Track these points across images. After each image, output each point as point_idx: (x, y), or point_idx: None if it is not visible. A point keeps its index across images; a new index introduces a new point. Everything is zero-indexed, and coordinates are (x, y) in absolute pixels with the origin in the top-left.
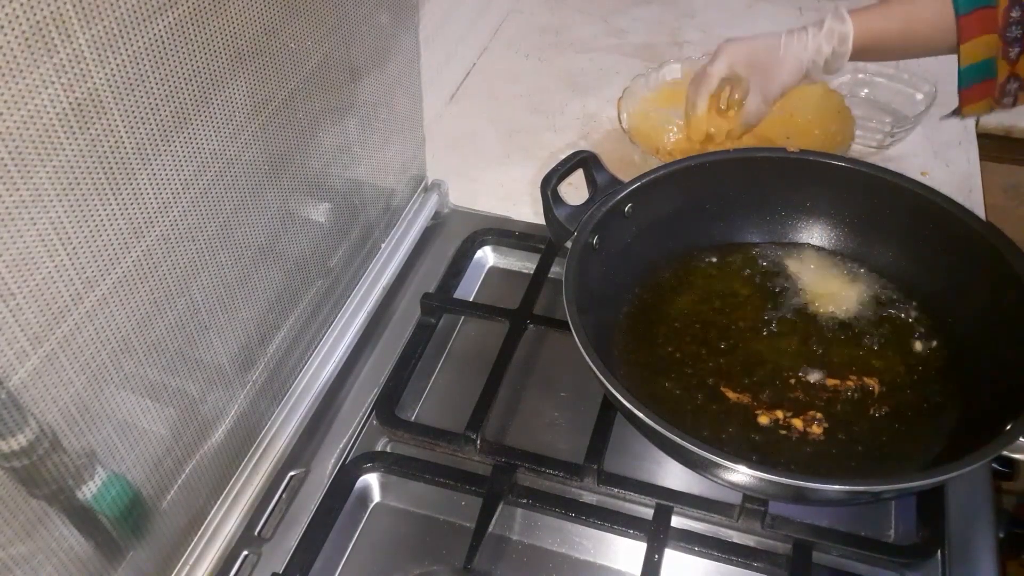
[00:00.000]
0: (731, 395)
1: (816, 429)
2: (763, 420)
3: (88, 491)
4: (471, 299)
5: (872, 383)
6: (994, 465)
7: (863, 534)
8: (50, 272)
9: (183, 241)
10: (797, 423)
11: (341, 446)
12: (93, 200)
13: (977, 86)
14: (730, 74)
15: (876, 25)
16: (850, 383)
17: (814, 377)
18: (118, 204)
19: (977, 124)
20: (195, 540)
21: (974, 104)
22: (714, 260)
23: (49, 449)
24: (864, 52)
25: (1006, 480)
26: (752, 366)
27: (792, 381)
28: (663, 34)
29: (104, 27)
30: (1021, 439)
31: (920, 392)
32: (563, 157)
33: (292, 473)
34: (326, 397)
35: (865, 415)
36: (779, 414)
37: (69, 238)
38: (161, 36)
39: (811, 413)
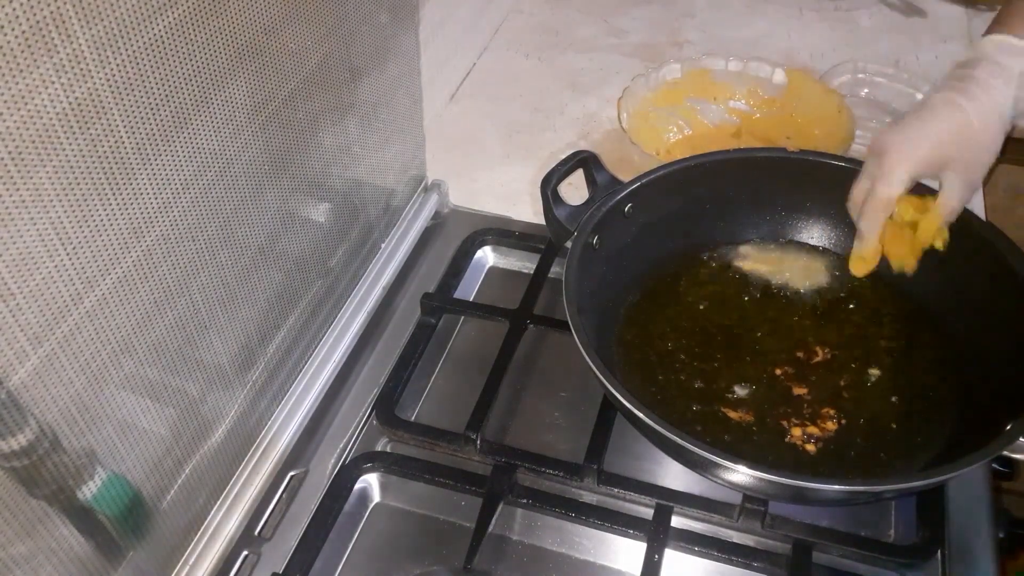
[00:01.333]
0: (731, 413)
1: (815, 430)
2: (758, 423)
3: (88, 491)
4: (471, 299)
5: (871, 384)
6: (994, 465)
7: (863, 534)
8: (50, 272)
9: (183, 241)
10: (797, 425)
11: (341, 446)
12: (93, 200)
13: None
14: (913, 183)
15: None
16: (849, 383)
17: (814, 378)
18: (118, 204)
19: None
20: (195, 540)
21: None
22: (714, 260)
23: (49, 449)
24: None
25: (1006, 480)
26: (751, 366)
27: (791, 382)
28: (663, 34)
29: (104, 27)
30: (1021, 439)
31: (920, 392)
32: (563, 157)
33: (292, 473)
34: (326, 397)
35: (865, 415)
36: (778, 418)
37: (69, 238)
38: (161, 36)
39: (810, 414)
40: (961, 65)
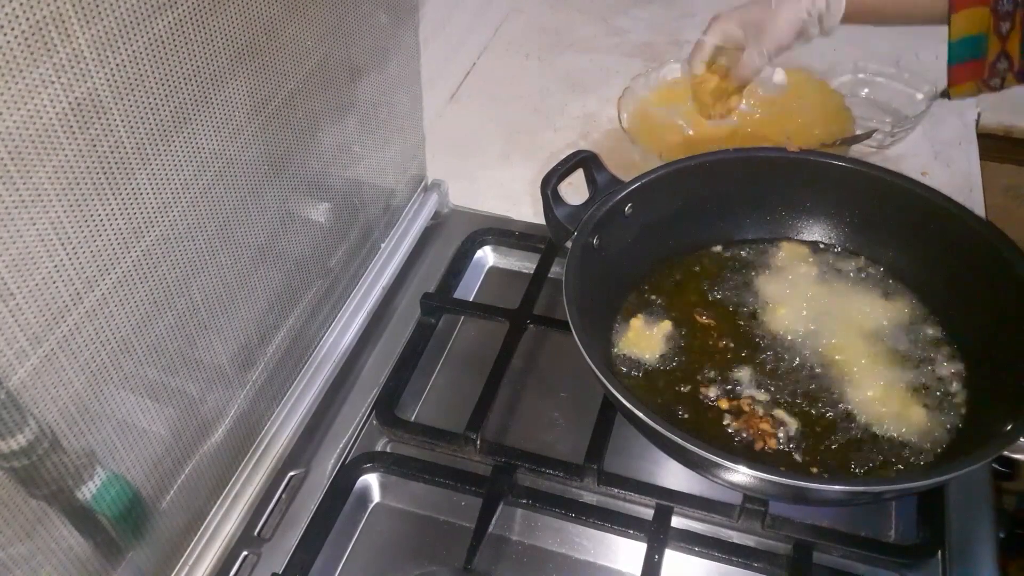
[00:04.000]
0: (724, 402)
1: (817, 428)
2: (758, 423)
3: (88, 491)
4: (471, 299)
5: (871, 382)
6: (994, 465)
7: (863, 534)
8: (50, 272)
9: (183, 241)
10: (795, 423)
11: (341, 446)
12: (93, 200)
13: (965, 64)
14: (723, 39)
15: None
16: (851, 382)
17: (811, 376)
18: (118, 204)
19: (977, 124)
20: (195, 540)
21: (962, 85)
22: (714, 260)
23: (49, 449)
24: (860, 14)
25: (1006, 480)
26: (750, 366)
27: (791, 381)
28: (663, 34)
29: (104, 27)
30: (1021, 439)
31: (919, 391)
32: (563, 157)
33: (292, 473)
34: (326, 397)
35: (865, 415)
36: (775, 414)
37: (69, 238)
38: (161, 36)
39: (812, 412)
40: None
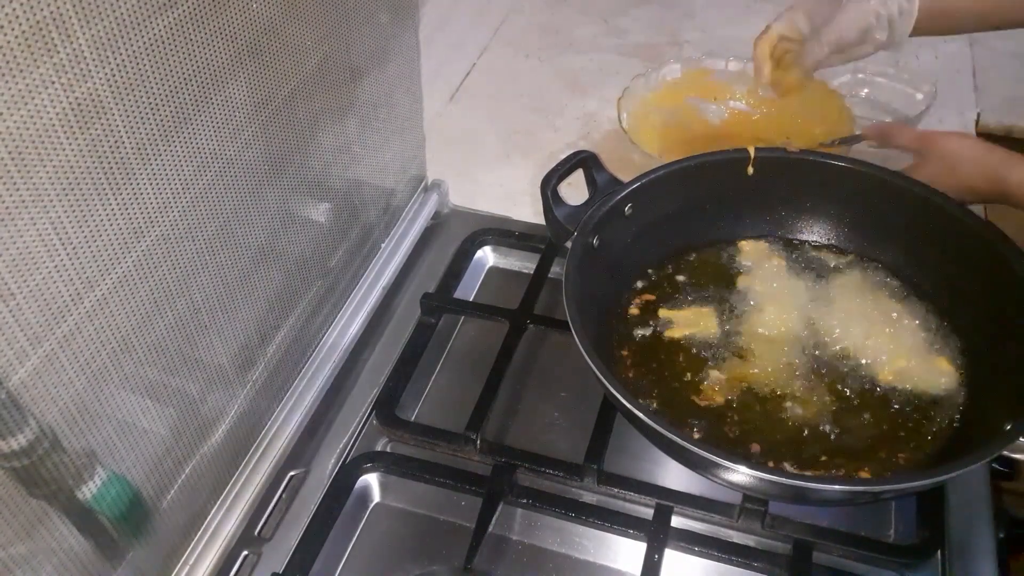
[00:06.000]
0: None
1: (818, 428)
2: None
3: (88, 491)
4: (471, 299)
5: (871, 382)
6: (994, 465)
7: (863, 534)
8: (50, 272)
9: (183, 241)
10: (794, 420)
11: (341, 446)
12: (93, 200)
13: None
14: (790, 30)
15: None
16: (848, 381)
17: (811, 374)
18: (118, 204)
19: (977, 124)
20: (195, 540)
21: None
22: (714, 260)
23: (49, 449)
24: (935, 17)
25: (1006, 480)
26: (749, 365)
27: (791, 379)
28: (663, 34)
29: (104, 27)
30: (1021, 439)
31: (918, 391)
32: (563, 157)
33: (292, 473)
34: (326, 397)
35: (864, 414)
36: (777, 414)
37: (69, 238)
38: (161, 36)
39: (813, 411)
40: None
